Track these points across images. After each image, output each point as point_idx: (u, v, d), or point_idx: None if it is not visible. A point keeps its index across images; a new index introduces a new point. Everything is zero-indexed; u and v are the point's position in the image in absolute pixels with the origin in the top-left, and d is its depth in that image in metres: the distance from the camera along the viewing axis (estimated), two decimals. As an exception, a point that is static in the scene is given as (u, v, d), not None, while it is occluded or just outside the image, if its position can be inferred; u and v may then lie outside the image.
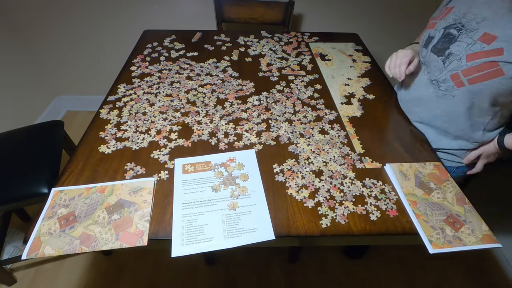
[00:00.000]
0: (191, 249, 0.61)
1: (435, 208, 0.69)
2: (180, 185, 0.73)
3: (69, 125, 2.04)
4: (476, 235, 0.65)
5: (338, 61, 1.23)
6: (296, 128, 0.90)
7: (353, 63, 1.22)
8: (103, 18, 1.68)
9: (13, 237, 1.39)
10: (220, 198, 0.70)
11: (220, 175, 0.75)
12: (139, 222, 0.64)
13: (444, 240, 0.63)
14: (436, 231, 0.65)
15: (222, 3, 1.52)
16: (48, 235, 0.63)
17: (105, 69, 1.90)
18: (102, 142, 0.84)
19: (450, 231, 0.65)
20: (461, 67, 0.74)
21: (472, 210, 0.69)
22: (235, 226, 0.65)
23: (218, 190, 0.72)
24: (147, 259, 1.36)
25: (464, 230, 0.65)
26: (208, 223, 0.66)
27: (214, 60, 1.20)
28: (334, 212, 0.69)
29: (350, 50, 1.31)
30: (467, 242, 0.63)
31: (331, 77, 1.13)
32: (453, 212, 0.68)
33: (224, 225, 0.65)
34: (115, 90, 1.03)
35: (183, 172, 0.76)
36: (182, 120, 0.92)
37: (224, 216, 0.67)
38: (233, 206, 0.69)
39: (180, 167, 0.77)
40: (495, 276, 1.38)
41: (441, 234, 0.64)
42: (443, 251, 0.62)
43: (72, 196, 0.69)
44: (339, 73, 1.16)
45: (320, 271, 1.36)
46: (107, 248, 0.61)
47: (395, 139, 0.88)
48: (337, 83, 1.10)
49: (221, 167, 0.77)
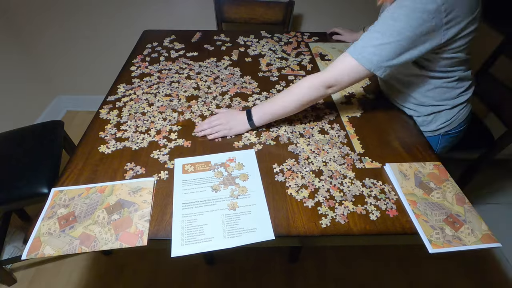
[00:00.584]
0: (191, 249, 0.61)
1: (435, 208, 0.69)
2: (180, 185, 0.73)
3: (69, 125, 2.04)
4: (476, 235, 0.65)
5: None
6: (296, 128, 0.90)
7: None
8: (103, 18, 1.69)
9: (13, 237, 1.39)
10: (220, 198, 0.70)
11: (220, 175, 0.75)
12: (139, 222, 0.64)
13: (444, 240, 0.63)
14: (436, 231, 0.65)
15: (222, 3, 1.52)
16: (48, 235, 0.63)
17: (105, 69, 1.90)
18: (102, 142, 0.84)
19: (449, 231, 0.65)
20: None
21: (471, 210, 0.70)
22: (235, 226, 0.65)
23: (218, 190, 0.72)
24: (147, 259, 1.36)
25: (463, 230, 0.65)
26: (208, 223, 0.66)
27: (214, 59, 1.20)
28: (334, 212, 0.69)
29: None
30: (466, 242, 0.63)
31: None
32: (453, 212, 0.69)
33: (224, 225, 0.65)
34: (115, 90, 1.03)
35: (183, 172, 0.76)
36: (182, 118, 0.92)
37: (224, 216, 0.67)
38: (233, 206, 0.69)
39: (180, 167, 0.77)
40: (495, 276, 1.38)
41: (440, 234, 0.64)
42: (443, 251, 0.62)
43: (72, 196, 0.69)
44: None
45: (320, 271, 1.36)
46: (106, 248, 0.61)
47: (395, 139, 0.88)
48: None
49: (221, 167, 0.77)
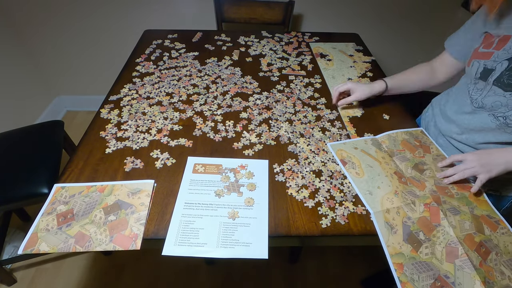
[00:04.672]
0: (182, 251, 0.61)
1: (423, 269, 0.58)
2: (187, 183, 0.73)
3: (69, 125, 2.04)
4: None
5: (338, 61, 1.23)
6: (296, 128, 0.90)
7: (353, 63, 1.22)
8: (103, 18, 1.68)
9: (13, 237, 1.39)
10: (222, 204, 0.69)
11: (227, 179, 0.74)
12: (134, 225, 0.64)
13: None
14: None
15: (222, 3, 1.52)
16: (45, 231, 0.62)
17: (105, 69, 1.90)
18: (102, 142, 0.84)
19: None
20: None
21: (464, 267, 0.58)
22: (231, 236, 0.63)
23: (221, 195, 0.71)
24: (147, 259, 1.36)
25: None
26: (204, 227, 0.64)
27: (215, 59, 1.20)
28: (334, 212, 0.69)
29: (351, 50, 1.31)
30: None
31: (332, 77, 1.13)
32: (441, 273, 0.58)
33: (220, 233, 0.64)
34: (116, 90, 1.03)
35: (193, 171, 0.76)
36: (183, 117, 0.92)
37: (222, 224, 0.65)
38: (233, 214, 0.67)
39: (191, 166, 0.77)
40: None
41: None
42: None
43: (72, 194, 0.69)
44: (340, 73, 1.16)
45: (320, 271, 1.35)
46: (100, 249, 0.60)
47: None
48: (337, 83, 1.10)
49: (231, 172, 0.76)
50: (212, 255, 0.60)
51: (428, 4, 1.66)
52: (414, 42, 1.84)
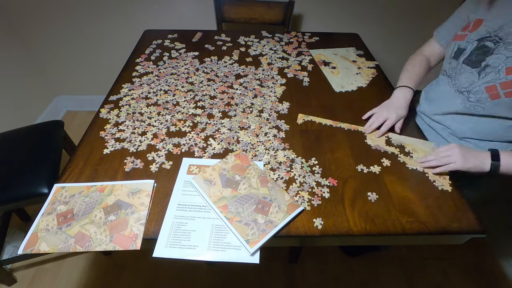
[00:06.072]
0: (173, 253, 0.60)
1: (245, 201, 0.68)
2: (181, 185, 0.73)
3: (69, 125, 2.04)
4: (282, 209, 0.66)
5: (343, 68, 1.19)
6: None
7: (359, 70, 1.19)
8: (103, 18, 1.68)
9: (13, 237, 1.39)
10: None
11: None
12: (134, 225, 0.64)
13: (259, 232, 0.62)
14: (250, 226, 0.63)
15: (222, 3, 1.52)
16: (45, 231, 0.63)
17: (105, 69, 1.90)
18: (102, 142, 0.84)
19: (261, 219, 0.64)
20: (499, 80, 0.74)
21: (274, 186, 0.71)
22: (222, 239, 0.63)
23: None
24: (147, 259, 1.36)
25: (272, 210, 0.66)
26: (196, 229, 0.64)
27: (215, 59, 1.20)
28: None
29: (353, 55, 1.28)
30: (277, 222, 0.64)
31: (341, 87, 1.09)
32: (260, 197, 0.69)
33: (212, 235, 0.63)
34: (116, 90, 1.03)
35: (187, 172, 0.76)
36: (182, 117, 0.92)
37: (214, 226, 0.65)
38: None
39: (186, 167, 0.77)
40: (495, 276, 1.38)
41: (255, 228, 0.63)
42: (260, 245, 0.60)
43: (72, 193, 0.69)
44: (348, 82, 1.12)
45: (320, 271, 1.35)
46: (100, 249, 0.60)
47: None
48: (348, 93, 1.06)
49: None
50: (203, 258, 0.60)
51: (428, 4, 1.66)
52: (414, 42, 1.83)
